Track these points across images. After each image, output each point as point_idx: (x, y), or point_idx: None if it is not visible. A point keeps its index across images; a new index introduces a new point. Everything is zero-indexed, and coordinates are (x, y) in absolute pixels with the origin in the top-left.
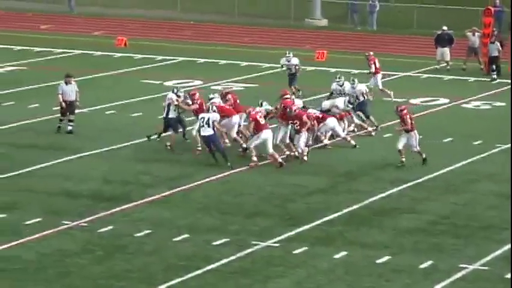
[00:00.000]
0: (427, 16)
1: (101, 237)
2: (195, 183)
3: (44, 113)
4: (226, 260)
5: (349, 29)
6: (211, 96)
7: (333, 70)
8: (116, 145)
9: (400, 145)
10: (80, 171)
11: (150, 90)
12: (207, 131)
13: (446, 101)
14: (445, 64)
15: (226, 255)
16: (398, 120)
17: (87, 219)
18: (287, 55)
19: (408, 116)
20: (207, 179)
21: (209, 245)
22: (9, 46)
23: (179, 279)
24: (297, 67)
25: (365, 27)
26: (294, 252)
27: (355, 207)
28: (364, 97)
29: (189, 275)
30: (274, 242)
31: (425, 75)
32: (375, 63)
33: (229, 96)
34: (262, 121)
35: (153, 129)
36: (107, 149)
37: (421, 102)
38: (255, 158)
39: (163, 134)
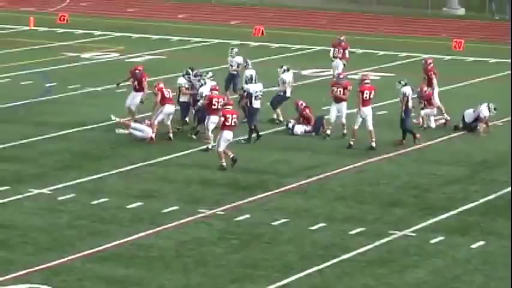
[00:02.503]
0: None
1: (238, 225)
2: (331, 173)
3: None
4: (362, 249)
5: (487, 18)
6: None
7: (471, 59)
8: (253, 133)
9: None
10: (216, 159)
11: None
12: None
13: None
14: None
15: (363, 244)
16: None
17: (224, 207)
18: (230, 52)
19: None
20: (343, 168)
21: (346, 234)
22: (148, 35)
23: (316, 268)
24: (239, 67)
25: (503, 16)
26: (431, 241)
27: (492, 197)
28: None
29: (326, 264)
30: (411, 232)
31: None
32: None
33: None
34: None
35: (289, 118)
36: (244, 137)
37: None
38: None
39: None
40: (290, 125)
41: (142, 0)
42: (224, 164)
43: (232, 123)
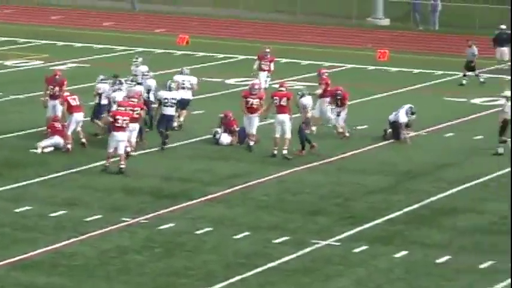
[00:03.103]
0: (489, 16)
1: (161, 234)
2: (255, 182)
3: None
4: (286, 258)
5: (411, 28)
6: None
7: (395, 69)
8: (176, 143)
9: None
10: (139, 167)
11: (211, 88)
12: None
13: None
14: (504, 64)
15: (287, 253)
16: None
17: (147, 216)
18: (135, 60)
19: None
20: (267, 178)
21: (269, 243)
22: (70, 43)
23: (239, 277)
24: (145, 76)
25: (427, 27)
26: (354, 251)
27: (415, 206)
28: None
29: (249, 273)
30: (334, 241)
31: (486, 75)
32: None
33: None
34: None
35: (213, 127)
36: (167, 146)
37: (481, 102)
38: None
39: None
40: (217, 136)
41: (67, 8)
42: (108, 164)
43: (124, 125)
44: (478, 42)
